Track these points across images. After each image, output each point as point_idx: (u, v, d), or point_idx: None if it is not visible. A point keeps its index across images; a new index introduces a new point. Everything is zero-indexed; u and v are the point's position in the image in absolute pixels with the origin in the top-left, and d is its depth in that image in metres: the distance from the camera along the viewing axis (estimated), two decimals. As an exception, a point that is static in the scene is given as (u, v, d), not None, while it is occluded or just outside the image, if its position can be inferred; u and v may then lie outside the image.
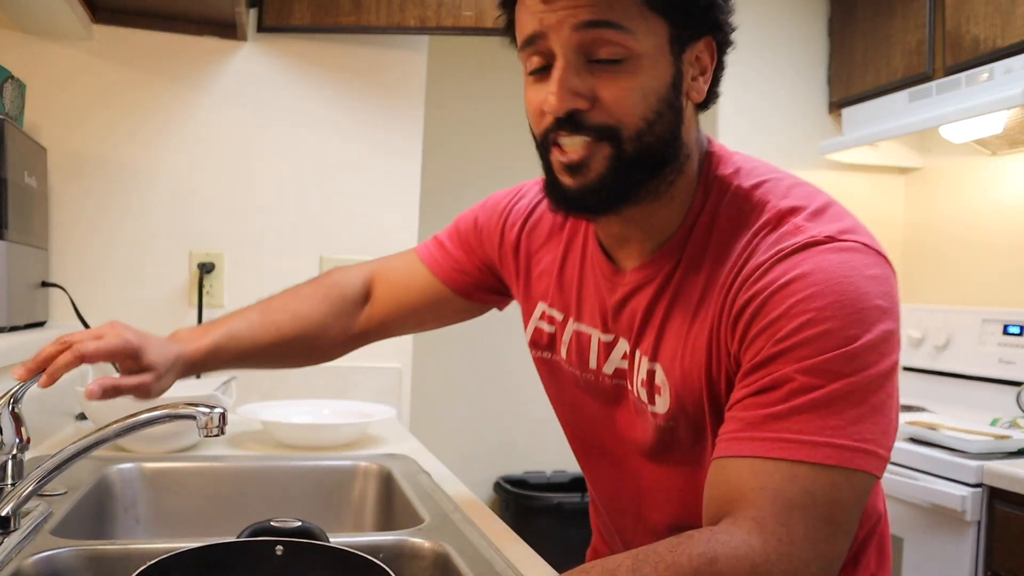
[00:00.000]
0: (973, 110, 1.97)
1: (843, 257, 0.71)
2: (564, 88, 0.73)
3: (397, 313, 1.12)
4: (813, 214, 0.75)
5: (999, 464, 1.63)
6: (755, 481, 0.67)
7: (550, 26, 0.73)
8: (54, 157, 1.72)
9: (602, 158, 0.75)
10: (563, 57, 0.74)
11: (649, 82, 0.74)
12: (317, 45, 1.91)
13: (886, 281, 0.74)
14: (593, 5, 0.72)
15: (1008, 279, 2.29)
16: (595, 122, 0.74)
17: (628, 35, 0.72)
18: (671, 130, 0.77)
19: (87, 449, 0.81)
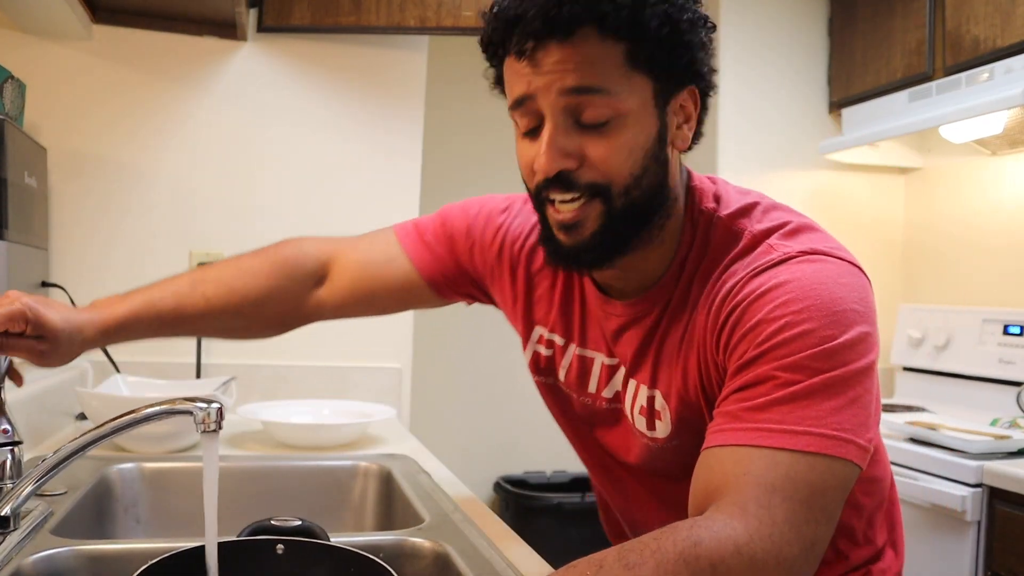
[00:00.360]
0: (973, 110, 1.97)
1: (816, 267, 0.75)
2: (553, 149, 0.76)
3: (359, 297, 1.08)
4: (786, 235, 0.79)
5: (999, 464, 1.63)
6: (737, 468, 0.69)
7: (538, 89, 0.76)
8: (54, 157, 1.72)
9: (594, 216, 0.78)
10: (551, 119, 0.76)
11: (635, 138, 0.77)
12: (317, 45, 1.91)
13: (860, 288, 0.76)
14: (578, 71, 0.74)
15: (1008, 279, 2.29)
16: (585, 180, 0.77)
17: (613, 97, 0.75)
18: (658, 181, 0.80)
19: (85, 447, 0.81)
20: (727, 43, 2.62)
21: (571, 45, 0.73)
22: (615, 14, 0.73)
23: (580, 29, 0.73)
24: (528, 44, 0.74)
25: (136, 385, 1.60)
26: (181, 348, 1.82)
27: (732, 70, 2.62)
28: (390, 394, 1.93)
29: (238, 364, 1.83)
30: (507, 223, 1.02)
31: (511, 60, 0.78)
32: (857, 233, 2.67)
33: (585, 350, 0.94)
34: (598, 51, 0.74)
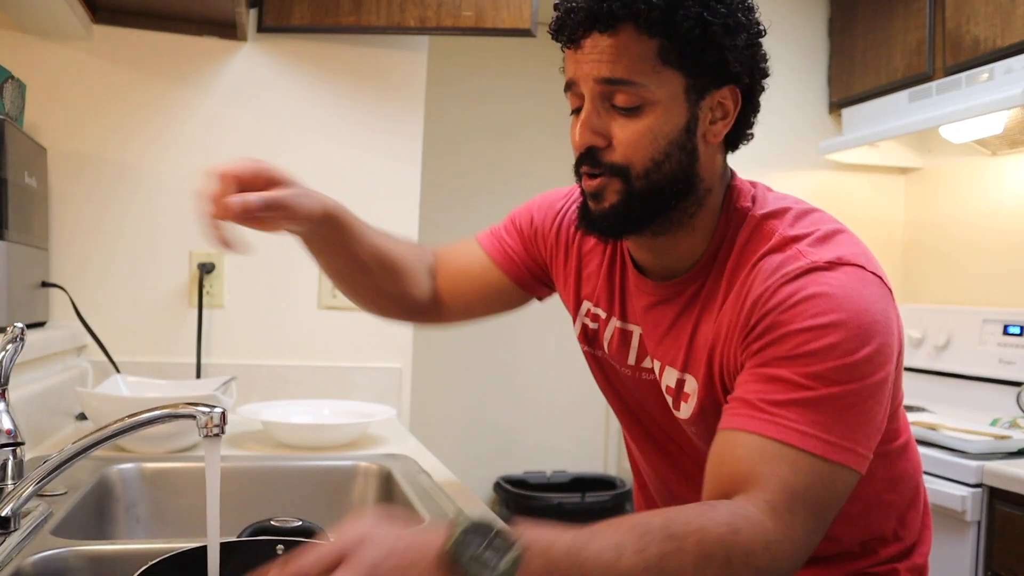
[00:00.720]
0: (973, 110, 1.97)
1: (843, 279, 0.80)
2: (585, 127, 0.85)
3: (455, 291, 1.16)
4: (816, 241, 0.84)
5: (999, 464, 1.63)
6: (762, 461, 0.75)
7: (580, 75, 0.85)
8: (54, 157, 1.72)
9: (613, 191, 0.86)
10: (588, 101, 0.86)
11: (661, 126, 0.84)
12: (317, 45, 1.91)
13: (883, 299, 0.82)
14: (612, 62, 0.82)
15: (1008, 279, 2.29)
16: (608, 160, 0.86)
17: (642, 88, 0.83)
18: (682, 169, 0.86)
19: (87, 449, 0.81)
20: (727, 43, 2.62)
21: (612, 37, 0.82)
22: (648, 13, 0.80)
23: (620, 24, 0.82)
24: (577, 33, 0.84)
25: (136, 385, 1.60)
26: (181, 348, 1.83)
27: (732, 70, 2.62)
28: (390, 394, 1.93)
29: (238, 364, 1.83)
30: (565, 207, 1.10)
31: (567, 49, 0.87)
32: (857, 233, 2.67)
33: (626, 323, 1.00)
34: (635, 45, 0.82)
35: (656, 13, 0.80)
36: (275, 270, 1.89)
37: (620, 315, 1.01)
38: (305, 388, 1.88)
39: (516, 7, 1.80)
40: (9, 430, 0.93)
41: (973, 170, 2.43)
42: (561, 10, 0.86)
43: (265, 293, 1.89)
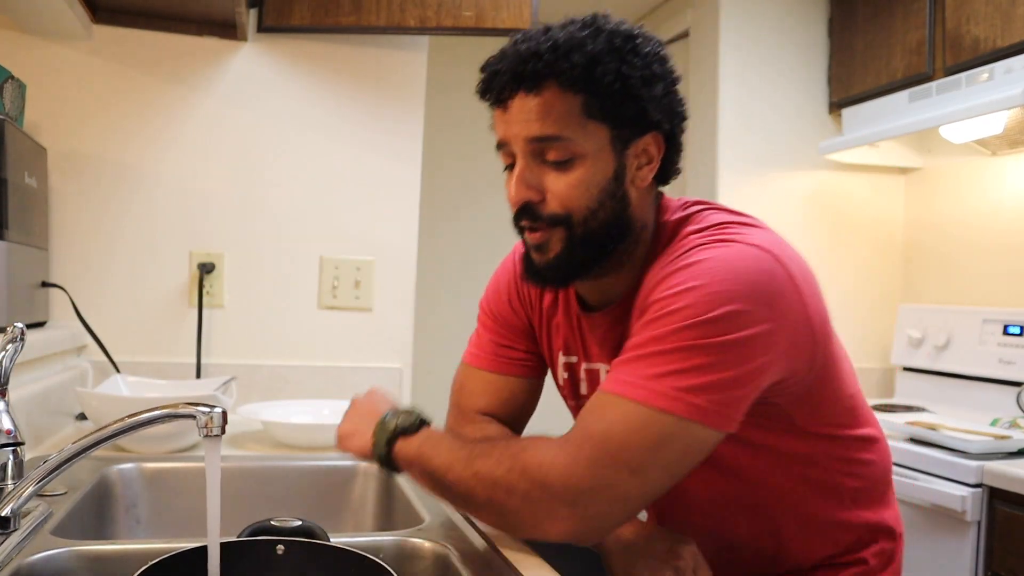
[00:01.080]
0: (973, 110, 1.97)
1: (714, 253, 0.85)
2: (520, 183, 0.90)
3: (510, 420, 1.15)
4: (704, 229, 0.91)
5: (999, 464, 1.63)
6: (584, 415, 0.86)
7: (510, 135, 0.91)
8: (54, 157, 1.72)
9: (557, 240, 0.91)
10: (520, 158, 0.91)
11: (592, 177, 0.89)
12: (317, 45, 1.91)
13: (754, 270, 0.84)
14: (540, 120, 0.87)
15: (1008, 279, 2.29)
16: (546, 212, 0.90)
17: (571, 142, 0.88)
18: (615, 215, 0.92)
19: (87, 449, 0.81)
20: (727, 44, 2.62)
21: (537, 96, 0.87)
22: (570, 71, 0.86)
23: (544, 83, 0.87)
24: (503, 94, 0.89)
25: (136, 385, 1.60)
26: (181, 348, 1.83)
27: (732, 71, 2.62)
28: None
29: (238, 364, 1.83)
30: (509, 286, 1.14)
31: (495, 109, 0.93)
32: (857, 233, 2.68)
33: (591, 363, 1.04)
34: (559, 102, 0.87)
35: (578, 71, 0.85)
36: (275, 270, 1.89)
37: (585, 357, 1.05)
38: (305, 388, 1.88)
39: (516, 7, 1.80)
40: (9, 430, 0.93)
41: (973, 170, 2.43)
42: (487, 72, 0.92)
43: (265, 293, 1.89)
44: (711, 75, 2.66)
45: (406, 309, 1.97)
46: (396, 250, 1.96)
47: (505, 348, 1.13)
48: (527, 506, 0.84)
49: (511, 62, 0.88)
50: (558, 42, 0.87)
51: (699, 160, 2.73)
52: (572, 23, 0.89)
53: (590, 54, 0.86)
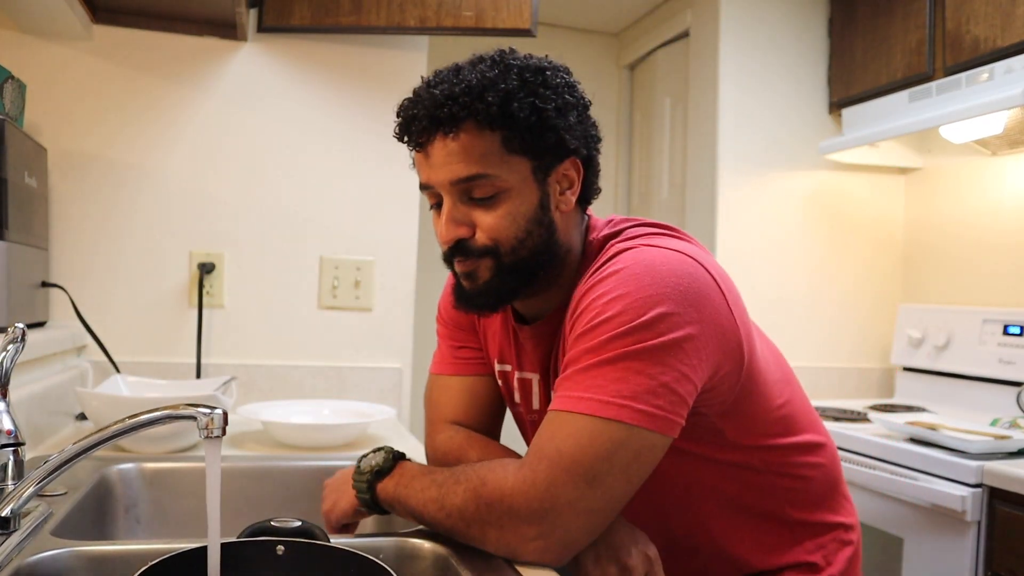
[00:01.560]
0: (973, 110, 1.97)
1: (636, 257, 0.89)
2: (450, 222, 0.93)
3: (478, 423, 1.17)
4: (625, 238, 0.95)
5: (999, 464, 1.63)
6: (538, 435, 0.87)
7: (433, 179, 0.93)
8: (54, 157, 1.72)
9: (486, 268, 0.94)
10: (447, 199, 0.93)
11: (517, 208, 0.92)
12: (317, 45, 1.91)
13: (679, 274, 0.87)
14: (462, 162, 0.90)
15: (1008, 279, 2.29)
16: (477, 246, 0.93)
17: (494, 179, 0.91)
18: (543, 242, 0.94)
19: (87, 449, 0.81)
20: (726, 44, 2.62)
21: (455, 138, 0.90)
22: (487, 110, 0.88)
23: (462, 125, 0.89)
24: (422, 138, 0.92)
25: (136, 385, 1.60)
26: (181, 348, 1.83)
27: (732, 71, 2.62)
28: (390, 394, 1.93)
29: (238, 364, 1.83)
30: (448, 312, 1.17)
31: (416, 152, 0.95)
32: (857, 233, 2.68)
33: (524, 373, 1.08)
34: (478, 141, 0.89)
35: (494, 109, 0.88)
36: (275, 270, 1.89)
37: (519, 367, 1.08)
38: (305, 388, 1.88)
39: (516, 7, 1.80)
40: (9, 430, 0.93)
41: (973, 170, 2.43)
42: (403, 117, 0.94)
43: (265, 293, 1.89)
44: (711, 75, 2.66)
45: (406, 309, 1.97)
46: (396, 250, 1.96)
47: (460, 349, 1.16)
48: (501, 535, 0.86)
49: (427, 107, 0.90)
50: (471, 84, 0.89)
51: (699, 160, 2.73)
52: (481, 61, 0.92)
53: (504, 92, 0.89)
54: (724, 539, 1.02)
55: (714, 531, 1.02)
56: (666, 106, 3.08)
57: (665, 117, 3.07)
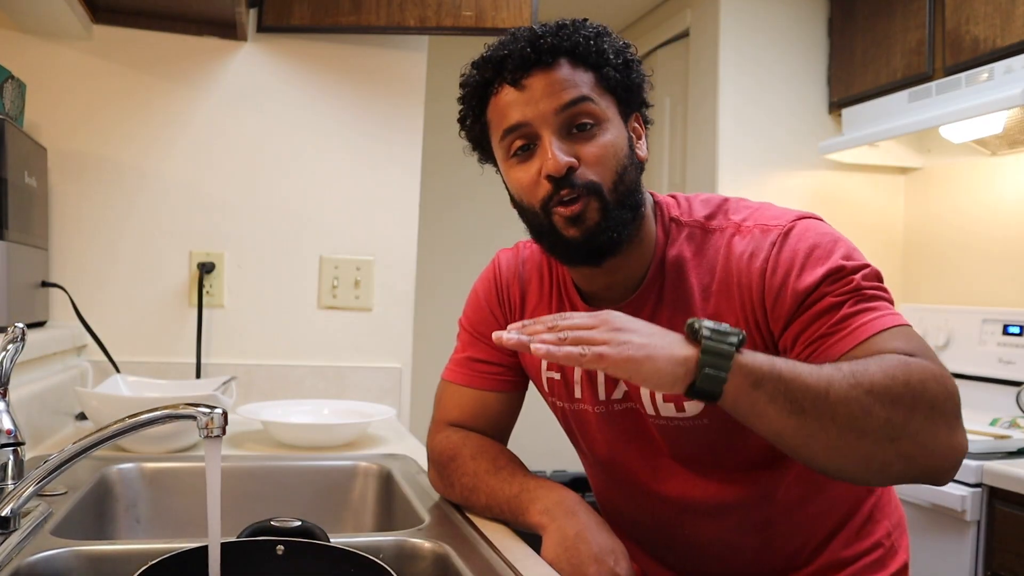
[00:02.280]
0: (973, 110, 1.97)
1: (811, 225, 0.92)
2: (559, 151, 0.90)
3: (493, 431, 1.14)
4: (766, 216, 0.94)
5: (999, 464, 1.63)
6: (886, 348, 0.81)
7: (533, 114, 0.91)
8: (54, 157, 1.72)
9: (593, 210, 0.91)
10: (550, 132, 0.91)
11: (615, 142, 0.93)
12: (317, 45, 1.91)
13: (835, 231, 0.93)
14: (565, 90, 0.90)
15: (1008, 279, 2.29)
16: (582, 180, 0.90)
17: (596, 106, 0.92)
18: (636, 179, 0.95)
19: (87, 449, 0.81)
20: (726, 44, 2.62)
21: (554, 71, 0.91)
22: (584, 44, 0.91)
23: (558, 60, 0.91)
24: (518, 74, 0.91)
25: (136, 385, 1.60)
26: (181, 348, 1.83)
27: (732, 70, 2.62)
28: (390, 394, 1.93)
29: (238, 364, 1.83)
30: (498, 279, 1.13)
31: (503, 93, 0.93)
32: (857, 233, 2.67)
33: None
34: (575, 76, 0.91)
35: (590, 43, 0.92)
36: (275, 270, 1.89)
37: None
38: (305, 388, 1.88)
39: (516, 7, 1.80)
40: (9, 430, 0.93)
41: (973, 170, 2.43)
42: (495, 56, 0.93)
43: (265, 293, 1.89)
44: (711, 75, 2.66)
45: (406, 309, 1.97)
46: (396, 250, 1.96)
47: (480, 363, 1.13)
48: (926, 425, 0.76)
49: (523, 43, 0.91)
50: (564, 23, 0.93)
51: (699, 160, 2.73)
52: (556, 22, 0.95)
53: (595, 31, 0.93)
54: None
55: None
56: (666, 106, 3.08)
57: (665, 117, 3.08)
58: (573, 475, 3.01)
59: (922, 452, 0.76)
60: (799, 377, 0.75)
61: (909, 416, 0.75)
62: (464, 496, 1.06)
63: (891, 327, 0.82)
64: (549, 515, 0.93)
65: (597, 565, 0.87)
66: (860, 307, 0.84)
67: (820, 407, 0.75)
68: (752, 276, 0.90)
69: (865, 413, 0.74)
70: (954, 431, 0.78)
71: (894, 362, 0.77)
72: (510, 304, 1.12)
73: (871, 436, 0.75)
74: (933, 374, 0.77)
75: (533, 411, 1.20)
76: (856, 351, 0.81)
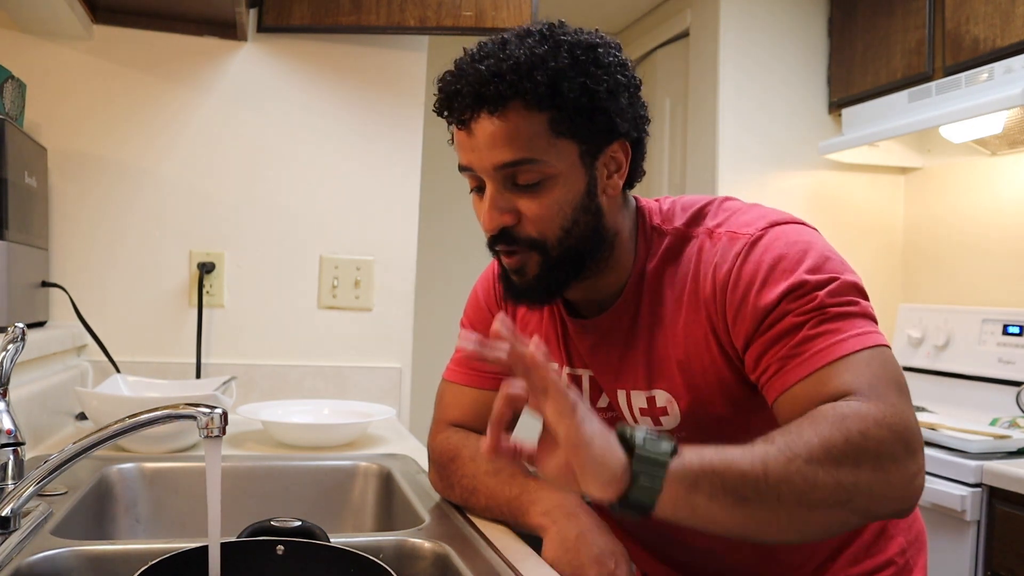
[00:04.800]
0: (973, 110, 1.97)
1: (784, 232, 0.89)
2: (493, 210, 0.87)
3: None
4: (740, 223, 0.91)
5: (999, 464, 1.63)
6: (830, 385, 0.78)
7: (476, 162, 0.87)
8: (54, 157, 1.72)
9: (534, 264, 0.89)
10: (490, 186, 0.88)
11: (564, 196, 0.87)
12: (317, 45, 1.91)
13: (816, 235, 0.91)
14: (508, 145, 0.84)
15: (1008, 279, 2.29)
16: (522, 235, 0.88)
17: (541, 164, 0.85)
18: (591, 229, 0.90)
19: (88, 449, 0.81)
20: (726, 44, 2.62)
21: (501, 118, 0.84)
22: (535, 90, 0.82)
23: (508, 104, 0.83)
24: (465, 115, 0.86)
25: (136, 385, 1.60)
26: (181, 348, 1.83)
27: (731, 70, 2.62)
28: (390, 394, 1.93)
29: (238, 364, 1.83)
30: (488, 295, 1.13)
31: (456, 129, 0.89)
32: (857, 233, 2.68)
33: (574, 369, 1.03)
34: (525, 123, 0.84)
35: (543, 88, 0.82)
36: (275, 270, 1.89)
37: (568, 362, 1.03)
38: (305, 388, 1.88)
39: (516, 7, 1.80)
40: (9, 430, 0.94)
41: (973, 170, 2.43)
42: (445, 92, 0.88)
43: (265, 293, 1.89)
44: (711, 75, 2.66)
45: (406, 309, 1.97)
46: (396, 250, 1.96)
47: (479, 361, 1.13)
48: (878, 475, 0.72)
49: (472, 83, 0.84)
50: (519, 60, 0.83)
51: (699, 160, 2.73)
52: (529, 35, 0.86)
53: (554, 71, 0.83)
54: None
55: None
56: (666, 106, 3.08)
57: (665, 117, 3.08)
58: (573, 475, 3.00)
59: (879, 502, 0.74)
60: (733, 465, 0.71)
61: (856, 473, 0.72)
62: (464, 497, 1.06)
63: (848, 354, 0.78)
64: (550, 517, 0.93)
65: (598, 567, 0.87)
66: (821, 329, 0.80)
67: (762, 491, 0.70)
68: (716, 288, 0.88)
69: (810, 485, 0.70)
70: (906, 468, 0.74)
71: (829, 420, 0.73)
72: (505, 305, 1.12)
73: (822, 505, 0.72)
74: (873, 420, 0.73)
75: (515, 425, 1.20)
76: (808, 381, 0.79)
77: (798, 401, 0.79)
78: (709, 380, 0.90)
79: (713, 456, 0.71)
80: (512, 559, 0.90)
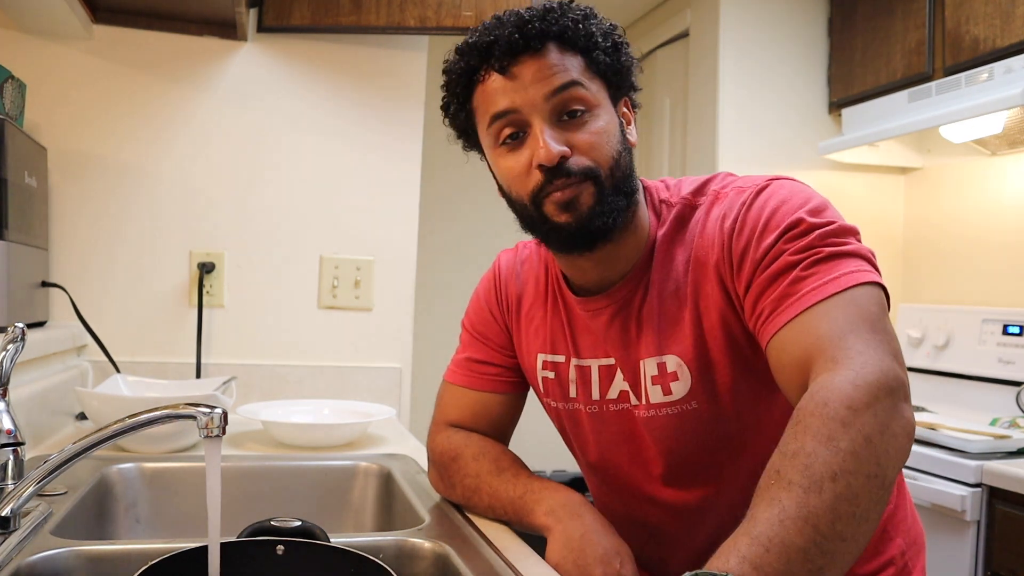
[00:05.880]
0: (973, 110, 1.97)
1: (785, 183, 0.91)
2: (551, 140, 0.88)
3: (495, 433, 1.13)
4: (744, 179, 0.94)
5: (999, 464, 1.63)
6: (811, 333, 0.78)
7: (522, 101, 0.88)
8: (54, 157, 1.72)
9: (588, 194, 0.89)
10: (540, 120, 0.88)
11: (607, 127, 0.91)
12: (317, 45, 1.91)
13: (815, 193, 0.92)
14: (555, 75, 0.88)
15: (1008, 279, 2.29)
16: (576, 167, 0.88)
17: (587, 91, 0.89)
18: (630, 164, 0.93)
19: (88, 449, 0.81)
20: (726, 44, 2.62)
21: (542, 56, 0.88)
22: (573, 27, 0.89)
23: (546, 44, 0.88)
24: (506, 60, 0.88)
25: (136, 385, 1.60)
26: (181, 348, 1.83)
27: (732, 70, 2.62)
28: (390, 394, 1.93)
29: (238, 364, 1.83)
30: (498, 279, 1.13)
31: (490, 80, 0.90)
32: (857, 233, 2.68)
33: (581, 360, 1.02)
34: (564, 61, 0.89)
35: (579, 27, 0.89)
36: (275, 270, 1.89)
37: (575, 353, 1.03)
38: (305, 388, 1.88)
39: (516, 7, 1.80)
40: (9, 430, 0.93)
41: (973, 170, 2.43)
42: (481, 41, 0.90)
43: (265, 293, 1.89)
44: (711, 75, 2.66)
45: (406, 309, 1.97)
46: (396, 250, 1.96)
47: (480, 364, 1.13)
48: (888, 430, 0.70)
49: (509, 28, 0.89)
50: (552, 6, 0.90)
51: (699, 160, 2.73)
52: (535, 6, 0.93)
53: (583, 14, 0.91)
54: None
55: None
56: (666, 106, 3.08)
57: (665, 117, 3.08)
58: (573, 475, 3.01)
59: (895, 458, 0.70)
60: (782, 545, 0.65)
61: (857, 471, 0.68)
62: (466, 497, 1.06)
63: (833, 294, 0.78)
64: (554, 516, 0.93)
65: (603, 567, 0.87)
66: (813, 270, 0.81)
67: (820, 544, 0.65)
68: (723, 238, 0.89)
69: (835, 517, 0.66)
70: (895, 421, 0.71)
71: (810, 446, 0.68)
72: (507, 304, 1.12)
73: (857, 519, 0.67)
74: (845, 397, 0.70)
75: (533, 411, 1.20)
76: (792, 326, 0.79)
77: (786, 349, 0.80)
78: (717, 338, 0.91)
79: (757, 550, 0.65)
80: (512, 559, 0.90)
